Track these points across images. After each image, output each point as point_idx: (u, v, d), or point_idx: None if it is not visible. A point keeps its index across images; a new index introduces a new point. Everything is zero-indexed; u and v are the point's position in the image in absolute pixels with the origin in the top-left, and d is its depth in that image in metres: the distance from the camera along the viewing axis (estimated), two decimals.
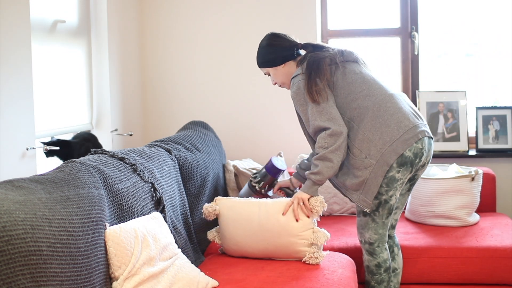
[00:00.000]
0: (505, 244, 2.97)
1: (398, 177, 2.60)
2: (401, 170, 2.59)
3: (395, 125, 2.59)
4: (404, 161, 2.58)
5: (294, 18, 3.98)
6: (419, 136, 2.60)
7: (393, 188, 2.61)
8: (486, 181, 3.51)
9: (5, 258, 1.65)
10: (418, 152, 2.61)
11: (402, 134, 2.58)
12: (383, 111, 2.61)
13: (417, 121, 2.65)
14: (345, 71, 2.70)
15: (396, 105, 2.64)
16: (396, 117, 2.60)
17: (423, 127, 2.67)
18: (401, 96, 2.74)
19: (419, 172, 2.75)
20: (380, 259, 2.72)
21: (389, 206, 2.65)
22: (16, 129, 2.66)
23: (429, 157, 2.71)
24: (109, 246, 2.14)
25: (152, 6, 4.11)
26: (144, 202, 2.53)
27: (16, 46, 2.67)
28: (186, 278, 2.32)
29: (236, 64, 4.07)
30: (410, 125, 2.61)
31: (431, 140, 2.71)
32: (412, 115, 2.66)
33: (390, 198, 2.63)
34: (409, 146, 2.58)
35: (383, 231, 2.70)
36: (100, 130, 3.63)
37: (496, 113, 3.94)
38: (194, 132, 3.50)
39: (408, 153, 2.58)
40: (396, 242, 2.89)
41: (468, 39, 4.22)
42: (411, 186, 2.80)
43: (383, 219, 2.68)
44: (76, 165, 2.28)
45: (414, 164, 2.62)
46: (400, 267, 2.87)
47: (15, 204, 1.80)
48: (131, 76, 3.97)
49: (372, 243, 2.71)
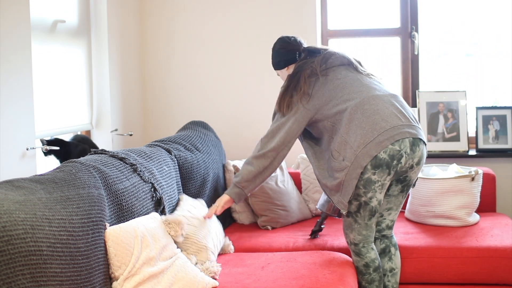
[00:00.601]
0: (505, 244, 2.97)
1: (375, 179, 2.60)
2: (377, 172, 2.59)
3: (370, 127, 2.59)
4: (378, 163, 2.58)
5: (294, 18, 3.98)
6: (396, 138, 2.58)
7: (371, 190, 2.62)
8: (486, 181, 3.51)
9: (5, 258, 1.65)
10: (395, 154, 2.58)
11: (376, 136, 2.58)
12: (359, 114, 2.63)
13: (399, 123, 2.62)
14: (327, 79, 2.75)
15: (375, 106, 2.64)
16: (372, 119, 2.61)
17: (407, 128, 2.62)
18: (387, 97, 2.71)
19: (410, 174, 2.72)
20: (368, 259, 2.74)
21: (370, 208, 2.66)
22: (16, 129, 2.66)
23: (416, 159, 2.66)
24: (109, 246, 2.14)
25: (152, 6, 4.11)
26: (144, 202, 2.53)
27: (16, 46, 2.67)
28: (186, 278, 2.32)
29: (236, 64, 4.07)
30: (387, 127, 2.59)
31: (418, 142, 2.65)
32: (394, 117, 2.63)
33: (370, 200, 2.64)
34: (383, 148, 2.56)
35: (367, 232, 2.72)
36: (100, 130, 3.63)
37: (496, 113, 3.94)
38: (194, 132, 3.50)
39: (383, 155, 2.57)
40: (394, 242, 2.89)
41: (468, 39, 4.22)
42: (404, 187, 2.77)
43: (365, 221, 2.69)
44: (76, 165, 2.28)
45: (392, 166, 2.59)
46: (397, 267, 2.87)
47: (15, 204, 1.80)
48: (131, 76, 3.97)
49: (357, 243, 2.74)
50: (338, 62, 2.80)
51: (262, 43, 4.02)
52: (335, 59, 2.80)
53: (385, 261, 2.85)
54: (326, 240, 3.11)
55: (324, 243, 3.08)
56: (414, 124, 2.69)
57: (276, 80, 3.98)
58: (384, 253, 2.86)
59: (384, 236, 2.87)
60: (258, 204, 3.40)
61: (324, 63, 2.77)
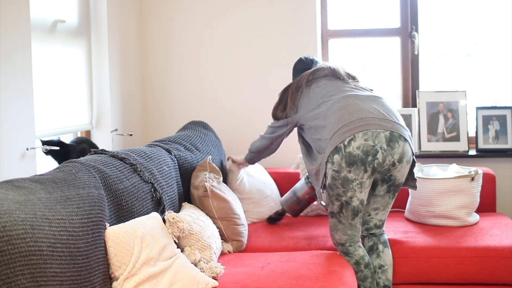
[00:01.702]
0: (504, 244, 2.97)
1: (351, 177, 2.65)
2: (352, 170, 2.64)
3: (336, 120, 2.72)
4: (352, 160, 2.63)
5: (294, 18, 3.98)
6: (361, 129, 2.63)
7: (350, 189, 2.67)
8: (486, 181, 3.51)
9: (5, 258, 1.65)
10: (369, 149, 2.63)
11: (340, 127, 2.68)
12: (330, 112, 2.78)
13: (368, 115, 2.68)
14: (310, 89, 2.94)
15: (344, 103, 2.76)
16: (339, 114, 2.73)
17: (378, 121, 2.67)
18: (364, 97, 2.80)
19: (394, 173, 2.73)
20: (357, 256, 2.77)
21: (352, 208, 2.71)
22: (16, 129, 2.66)
23: (396, 155, 2.67)
24: (109, 246, 2.14)
25: (152, 6, 4.11)
26: (144, 202, 2.53)
27: (16, 46, 2.67)
28: (186, 278, 2.32)
29: (236, 64, 4.07)
30: (352, 119, 2.68)
31: (398, 138, 2.67)
32: (363, 111, 2.70)
33: (351, 199, 2.69)
34: (346, 137, 2.64)
35: (352, 231, 2.76)
36: (100, 130, 3.63)
37: (496, 113, 3.94)
38: (194, 132, 3.50)
39: (356, 151, 2.62)
40: (382, 240, 2.91)
41: (468, 39, 4.22)
42: (390, 188, 2.79)
43: (349, 220, 2.74)
44: (76, 165, 2.28)
45: (367, 163, 2.63)
46: (387, 264, 2.88)
47: (15, 204, 1.80)
48: (131, 76, 3.97)
49: (343, 243, 2.79)
50: (323, 73, 2.96)
51: (262, 43, 4.03)
52: (321, 71, 2.97)
53: (373, 258, 2.88)
54: (326, 240, 3.11)
55: (324, 243, 3.08)
56: (393, 120, 2.72)
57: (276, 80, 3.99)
58: (372, 250, 2.89)
59: (372, 234, 2.91)
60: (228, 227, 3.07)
61: (312, 75, 2.97)
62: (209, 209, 2.93)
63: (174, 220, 2.49)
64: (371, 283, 2.77)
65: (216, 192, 2.97)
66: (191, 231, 2.60)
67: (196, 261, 2.55)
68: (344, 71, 2.97)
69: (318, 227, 3.35)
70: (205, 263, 2.59)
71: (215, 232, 2.81)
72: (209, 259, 2.62)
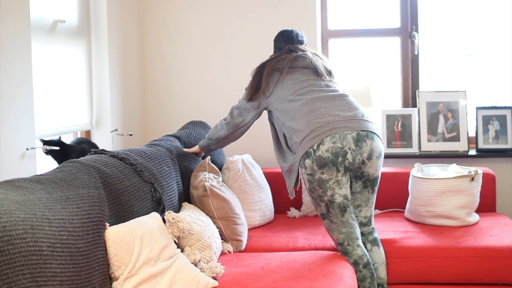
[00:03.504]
0: (503, 243, 2.97)
1: (325, 177, 2.70)
2: (324, 171, 2.70)
3: (304, 125, 2.76)
4: (323, 162, 2.69)
5: (294, 18, 3.98)
6: (328, 133, 2.68)
7: (328, 188, 2.72)
8: (486, 181, 3.51)
9: (5, 258, 1.65)
10: (338, 151, 2.68)
11: (308, 133, 2.73)
12: (298, 115, 2.80)
13: (335, 119, 2.73)
14: (286, 77, 2.93)
15: (312, 107, 2.79)
16: (307, 118, 2.77)
17: (344, 123, 2.72)
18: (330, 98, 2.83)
19: (366, 169, 2.77)
20: (355, 256, 2.78)
21: (338, 205, 2.75)
22: (16, 129, 2.66)
23: (365, 154, 2.73)
24: (109, 246, 2.14)
25: (152, 6, 4.11)
26: (144, 202, 2.53)
27: (16, 46, 2.67)
28: (186, 278, 2.32)
29: (236, 64, 4.07)
30: (320, 123, 2.72)
31: (365, 137, 2.72)
32: (330, 115, 2.74)
33: (333, 197, 2.74)
34: (315, 143, 2.68)
35: (346, 229, 2.78)
36: (100, 130, 3.63)
37: (496, 113, 3.94)
38: (193, 132, 3.50)
39: (326, 154, 2.68)
40: (371, 239, 2.92)
41: (468, 39, 4.23)
42: (365, 183, 2.83)
43: (339, 218, 2.77)
44: (76, 165, 2.28)
45: (338, 163, 2.69)
46: (377, 262, 2.89)
47: (15, 204, 1.80)
48: (131, 76, 3.97)
49: (341, 243, 2.80)
50: (301, 64, 2.96)
51: (262, 42, 4.02)
52: (301, 61, 2.96)
53: None
54: (326, 240, 3.11)
55: (324, 243, 3.08)
56: (359, 117, 2.77)
57: None
58: None
59: (361, 234, 2.91)
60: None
61: (291, 63, 2.95)
62: (208, 208, 2.93)
63: (174, 220, 2.49)
64: (370, 284, 2.77)
65: (216, 191, 2.97)
66: (191, 231, 2.60)
67: (196, 261, 2.55)
68: (323, 65, 2.97)
69: (318, 227, 3.35)
70: (205, 263, 2.59)
71: (215, 232, 2.82)
72: (209, 259, 2.62)
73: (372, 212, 2.94)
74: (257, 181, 3.47)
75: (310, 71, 2.95)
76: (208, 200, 2.94)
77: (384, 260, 2.92)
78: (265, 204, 3.46)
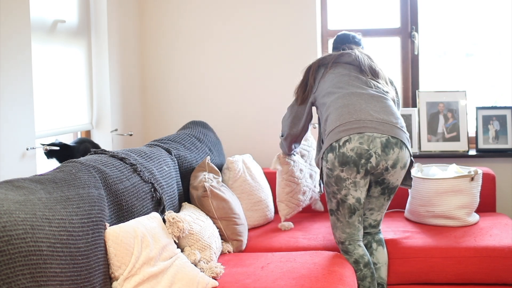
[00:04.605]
0: (503, 243, 2.97)
1: (344, 176, 2.69)
2: (344, 169, 2.68)
3: (335, 118, 2.75)
4: (345, 160, 2.67)
5: (294, 18, 3.98)
6: (356, 131, 2.66)
7: (343, 187, 2.71)
8: (486, 181, 3.51)
9: (5, 258, 1.65)
10: (363, 152, 2.65)
11: (337, 126, 2.71)
12: (332, 107, 2.80)
13: (367, 118, 2.69)
14: (329, 72, 2.96)
15: (347, 101, 2.78)
16: (339, 112, 2.76)
17: (376, 125, 2.67)
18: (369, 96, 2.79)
19: (387, 177, 2.75)
20: (356, 255, 2.78)
21: (348, 206, 2.74)
22: (16, 129, 2.66)
23: (390, 161, 2.68)
24: (109, 246, 2.14)
25: (152, 6, 4.11)
26: (144, 202, 2.53)
27: (16, 46, 2.67)
28: (186, 278, 2.32)
29: (236, 64, 4.07)
30: (351, 119, 2.70)
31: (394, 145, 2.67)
32: (363, 112, 2.71)
33: (346, 197, 2.72)
34: (341, 137, 2.67)
35: (350, 230, 2.78)
36: (100, 130, 3.63)
37: (496, 113, 3.94)
38: (194, 131, 3.50)
39: (350, 153, 2.66)
40: (377, 239, 2.91)
41: (468, 39, 4.23)
42: (384, 190, 2.81)
43: (346, 218, 2.77)
44: (76, 165, 2.28)
45: (360, 165, 2.66)
46: (380, 262, 2.89)
47: (15, 204, 1.80)
48: (131, 76, 3.97)
49: (343, 242, 2.81)
50: (345, 60, 2.97)
51: (262, 42, 4.03)
52: (345, 57, 2.98)
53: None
54: (326, 240, 3.11)
55: (324, 243, 3.08)
56: (392, 122, 2.72)
57: (276, 80, 3.99)
58: (366, 248, 2.89)
59: (367, 233, 2.92)
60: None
61: (336, 58, 2.98)
62: (208, 209, 2.93)
63: (174, 220, 2.49)
64: (371, 283, 2.77)
65: (216, 192, 2.96)
66: (191, 231, 2.60)
67: (196, 261, 2.55)
68: (369, 64, 2.96)
69: (318, 226, 3.35)
70: (205, 263, 2.59)
71: (215, 232, 2.82)
72: (209, 259, 2.62)
73: (383, 216, 2.94)
74: (257, 181, 3.47)
75: (354, 68, 2.95)
76: (208, 200, 2.93)
77: (387, 261, 2.92)
78: (265, 204, 3.46)
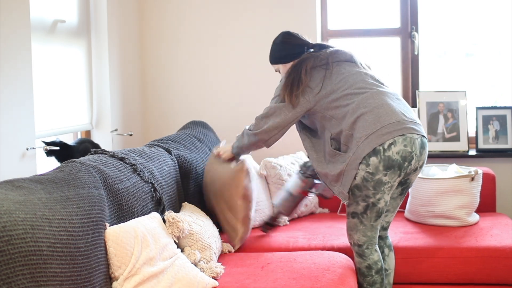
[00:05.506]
0: (504, 244, 2.97)
1: (386, 180, 2.56)
2: (388, 173, 2.55)
3: (373, 119, 2.57)
4: (391, 164, 2.54)
5: (294, 18, 3.98)
6: (400, 132, 2.55)
7: (380, 191, 2.58)
8: (486, 181, 3.51)
9: (5, 258, 1.65)
10: (407, 155, 2.56)
11: (379, 128, 2.55)
12: (363, 108, 2.61)
13: (404, 118, 2.60)
14: (331, 72, 2.74)
15: (379, 101, 2.62)
16: (376, 112, 2.59)
17: (412, 125, 2.60)
18: (392, 94, 2.71)
19: (411, 177, 2.70)
20: (370, 260, 2.70)
21: (377, 209, 2.63)
22: (16, 129, 2.66)
23: (422, 161, 2.65)
24: (109, 246, 2.14)
25: (152, 6, 4.11)
26: (144, 202, 2.54)
27: (16, 46, 2.67)
28: (186, 278, 2.32)
29: (236, 64, 4.07)
30: (392, 120, 2.57)
31: (424, 142, 2.64)
32: (398, 113, 2.61)
33: (378, 201, 2.61)
34: (384, 140, 2.53)
35: (372, 233, 2.69)
36: (100, 130, 3.63)
37: (496, 113, 3.94)
38: (194, 131, 3.50)
39: (396, 156, 2.54)
40: (388, 244, 2.88)
41: (468, 39, 4.23)
42: (403, 190, 2.76)
43: (371, 222, 2.66)
44: (76, 165, 2.28)
45: (403, 168, 2.57)
46: (391, 268, 2.86)
47: (15, 204, 1.80)
48: (131, 76, 3.97)
49: (361, 245, 2.70)
50: (343, 57, 2.80)
51: (262, 42, 4.02)
52: (341, 54, 2.80)
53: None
54: (326, 240, 3.11)
55: (324, 243, 3.08)
56: (419, 122, 2.69)
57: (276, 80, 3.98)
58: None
59: (378, 237, 2.85)
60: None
61: (333, 56, 2.78)
62: (237, 183, 2.88)
63: (174, 220, 2.49)
64: None
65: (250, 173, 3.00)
66: (191, 231, 2.60)
67: (196, 261, 2.55)
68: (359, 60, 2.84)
69: (318, 227, 3.35)
70: (205, 263, 2.59)
71: (215, 232, 2.81)
72: (209, 259, 2.62)
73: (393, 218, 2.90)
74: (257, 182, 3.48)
75: (355, 65, 2.80)
76: (241, 175, 2.90)
77: (394, 266, 2.90)
78: (265, 205, 3.46)
